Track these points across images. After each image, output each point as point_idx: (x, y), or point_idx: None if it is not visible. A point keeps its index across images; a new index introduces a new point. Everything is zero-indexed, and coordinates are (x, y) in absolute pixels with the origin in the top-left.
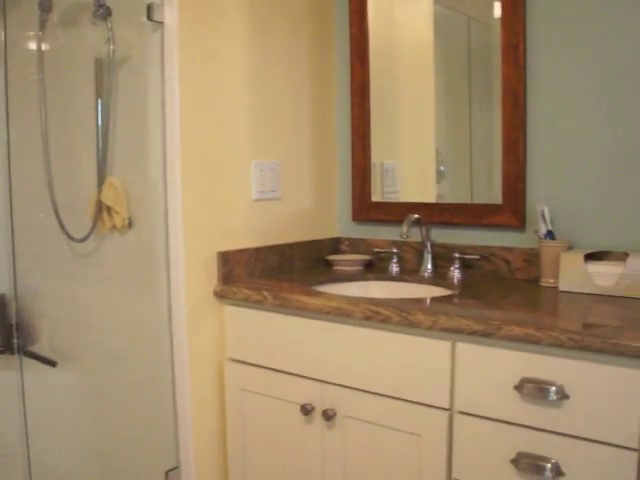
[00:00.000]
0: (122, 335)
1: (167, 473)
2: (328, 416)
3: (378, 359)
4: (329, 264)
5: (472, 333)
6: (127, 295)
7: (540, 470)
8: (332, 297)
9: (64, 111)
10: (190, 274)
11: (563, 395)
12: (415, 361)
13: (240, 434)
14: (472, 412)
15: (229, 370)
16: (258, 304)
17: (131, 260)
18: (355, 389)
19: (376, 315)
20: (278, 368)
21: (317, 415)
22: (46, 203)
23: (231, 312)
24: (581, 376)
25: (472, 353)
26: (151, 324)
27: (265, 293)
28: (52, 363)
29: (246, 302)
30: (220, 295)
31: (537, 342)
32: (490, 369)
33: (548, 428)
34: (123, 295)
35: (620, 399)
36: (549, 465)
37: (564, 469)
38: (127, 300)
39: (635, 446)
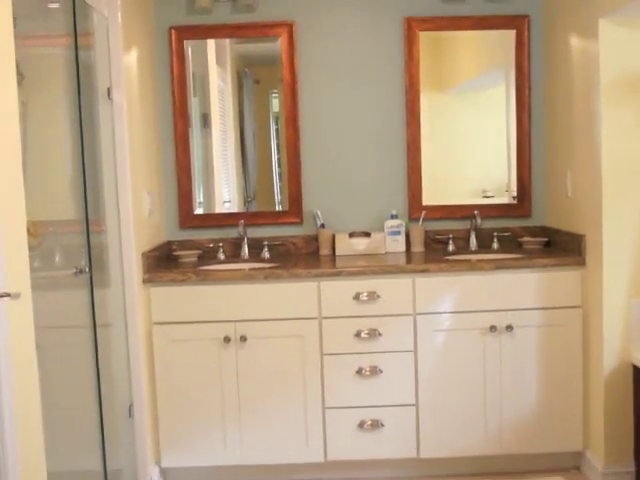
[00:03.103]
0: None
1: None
2: (243, 338)
3: (274, 300)
4: (174, 258)
5: (329, 275)
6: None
7: (372, 336)
8: (237, 268)
9: None
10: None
11: (377, 296)
12: (297, 296)
13: (167, 372)
14: (331, 315)
15: (157, 330)
16: (182, 282)
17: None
18: (260, 320)
19: (272, 274)
20: (204, 320)
21: (233, 342)
22: None
23: (158, 291)
24: (385, 286)
25: (329, 285)
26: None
27: (189, 274)
28: None
29: (172, 282)
30: (149, 280)
31: (362, 273)
32: (339, 292)
33: (371, 314)
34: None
35: (402, 293)
36: (376, 332)
37: (382, 332)
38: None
39: (411, 312)
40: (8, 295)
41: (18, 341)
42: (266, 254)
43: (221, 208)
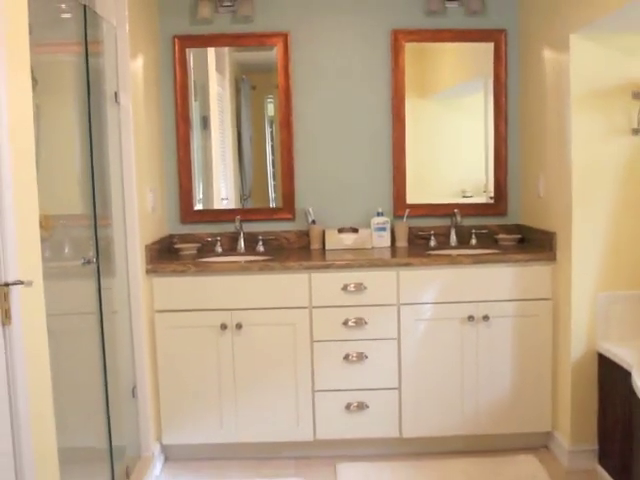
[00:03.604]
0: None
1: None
2: (239, 326)
3: (267, 291)
4: (175, 250)
5: (319, 267)
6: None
7: (358, 324)
8: (234, 260)
9: None
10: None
11: (364, 287)
12: (289, 287)
13: (168, 357)
14: (321, 305)
15: (158, 317)
16: (182, 273)
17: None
18: (254, 309)
19: (266, 266)
20: (202, 308)
21: (229, 329)
22: None
23: (160, 281)
24: (371, 278)
25: (319, 277)
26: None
27: (189, 265)
28: None
29: (173, 272)
30: (151, 271)
31: (350, 266)
32: (329, 283)
33: (358, 304)
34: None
35: (387, 285)
36: (363, 321)
37: (368, 321)
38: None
39: (395, 302)
40: (21, 283)
41: (30, 326)
42: (261, 248)
43: (219, 204)
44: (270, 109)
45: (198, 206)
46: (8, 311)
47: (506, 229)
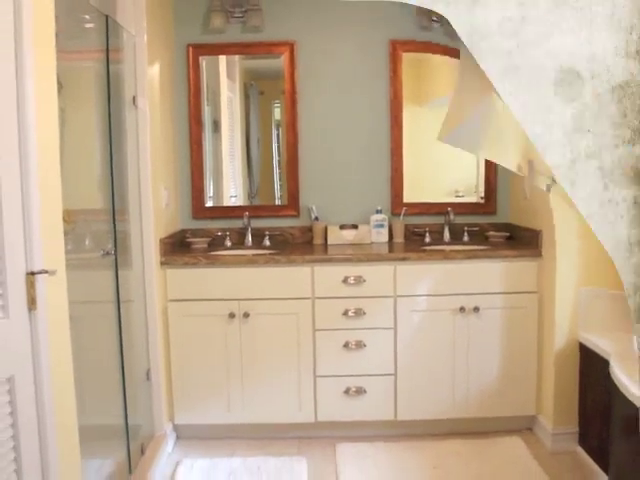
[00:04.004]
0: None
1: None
2: (246, 314)
3: (273, 282)
4: (187, 244)
5: (321, 261)
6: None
7: (357, 314)
8: (242, 254)
9: None
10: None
11: (363, 280)
12: (293, 279)
13: (180, 343)
14: (323, 296)
15: (171, 306)
16: (194, 265)
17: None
18: (260, 299)
19: (272, 260)
20: (212, 298)
21: (237, 318)
22: None
23: (173, 273)
24: (370, 271)
25: (322, 270)
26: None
27: (200, 258)
28: None
29: (185, 264)
30: (165, 263)
31: (350, 260)
32: (330, 275)
33: (358, 295)
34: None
35: (384, 278)
36: (362, 311)
37: (366, 311)
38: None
39: (392, 294)
40: (46, 272)
41: (54, 312)
42: (267, 242)
43: (228, 202)
44: (277, 113)
45: (209, 203)
46: (34, 298)
47: (496, 227)
